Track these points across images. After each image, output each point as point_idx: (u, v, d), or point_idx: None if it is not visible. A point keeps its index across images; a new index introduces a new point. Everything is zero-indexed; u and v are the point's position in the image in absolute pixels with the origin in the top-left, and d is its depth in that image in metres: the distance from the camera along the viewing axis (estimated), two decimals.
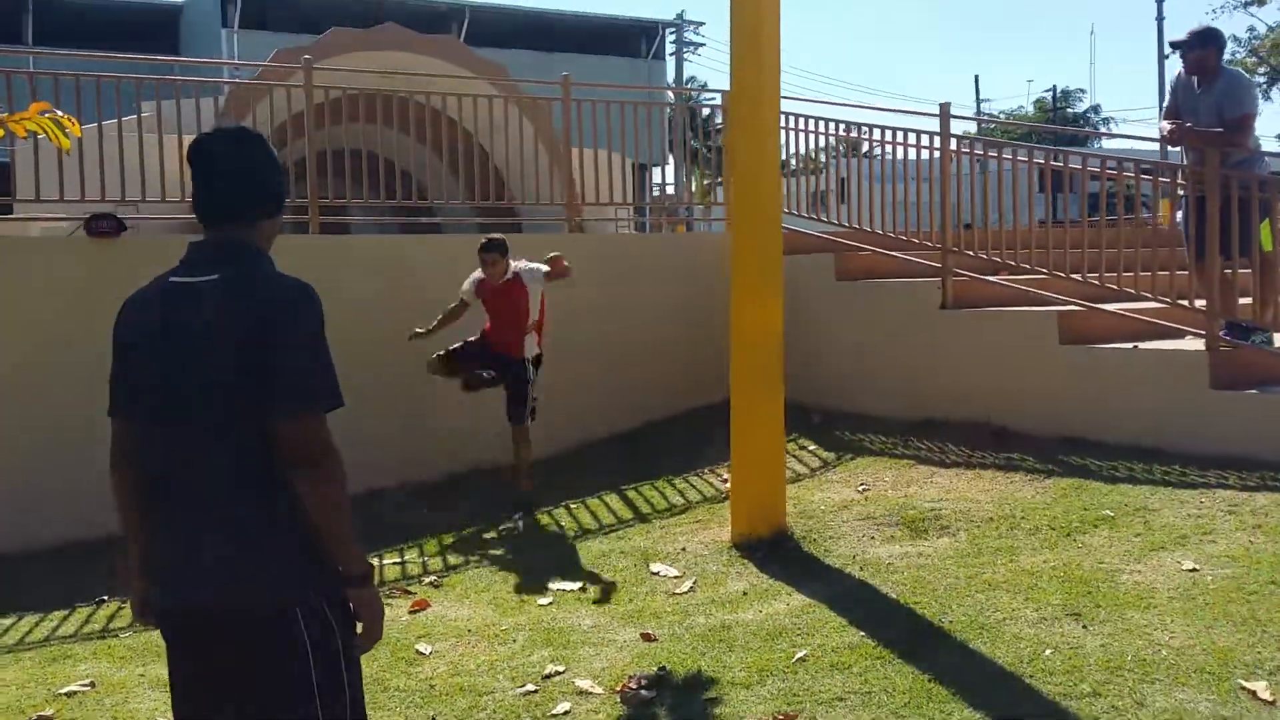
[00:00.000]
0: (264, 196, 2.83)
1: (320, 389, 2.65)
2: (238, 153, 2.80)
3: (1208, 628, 4.76)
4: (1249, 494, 6.31)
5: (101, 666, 5.45)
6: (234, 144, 2.82)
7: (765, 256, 6.79)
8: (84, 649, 5.77)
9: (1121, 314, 7.85)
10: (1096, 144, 46.27)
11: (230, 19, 30.54)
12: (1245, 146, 7.26)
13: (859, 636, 5.12)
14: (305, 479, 2.60)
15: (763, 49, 6.65)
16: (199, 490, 2.66)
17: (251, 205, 2.80)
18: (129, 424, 2.80)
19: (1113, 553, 5.81)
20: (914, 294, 8.95)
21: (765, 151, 6.77)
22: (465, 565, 6.90)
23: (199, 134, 2.88)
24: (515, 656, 5.28)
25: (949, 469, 7.69)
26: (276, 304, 2.65)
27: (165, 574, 2.73)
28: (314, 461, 2.60)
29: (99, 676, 5.26)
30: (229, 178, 2.78)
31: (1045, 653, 4.70)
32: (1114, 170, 8.07)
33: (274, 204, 2.86)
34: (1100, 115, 57.80)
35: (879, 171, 9.72)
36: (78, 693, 5.08)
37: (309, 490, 2.61)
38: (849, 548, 6.44)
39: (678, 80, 39.50)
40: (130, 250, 8.15)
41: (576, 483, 8.38)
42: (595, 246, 10.21)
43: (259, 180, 2.82)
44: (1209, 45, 7.37)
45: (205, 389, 2.64)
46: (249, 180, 2.80)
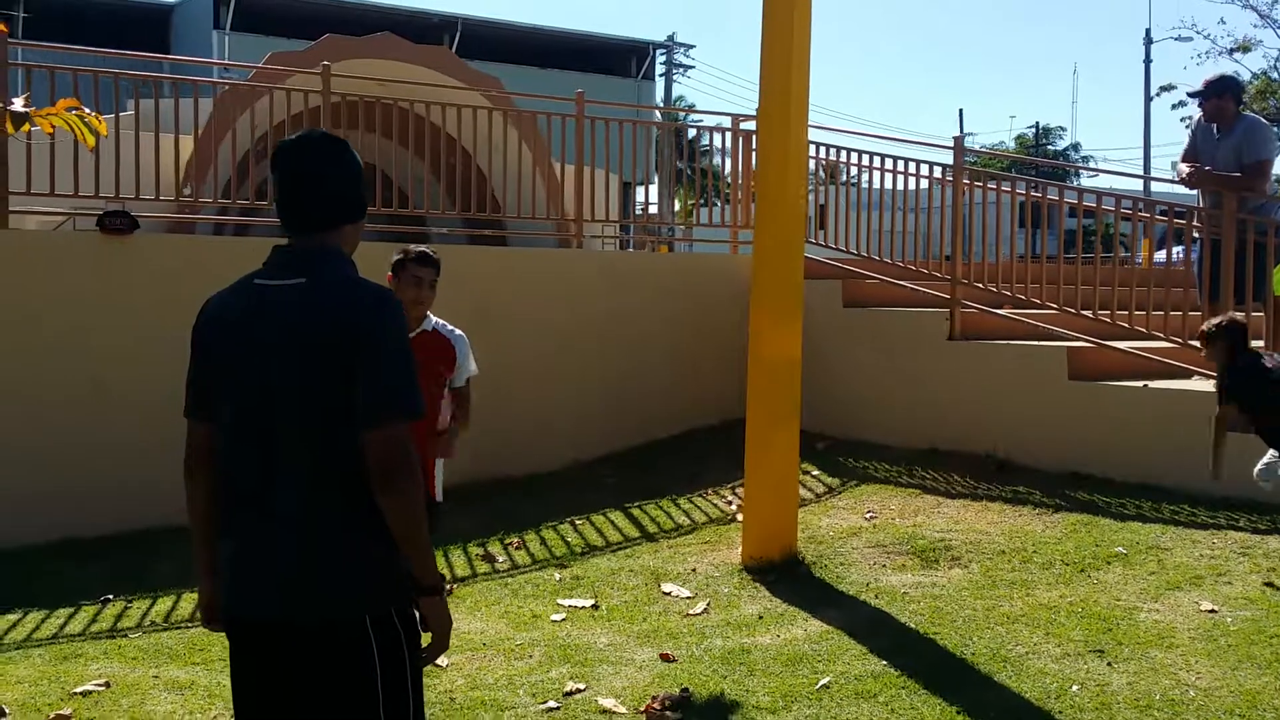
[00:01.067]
0: (348, 203, 2.80)
1: (405, 397, 2.62)
2: (323, 159, 2.77)
3: (1233, 669, 4.77)
4: (1260, 537, 6.35)
5: (114, 667, 5.36)
6: (315, 150, 2.79)
7: (787, 281, 6.79)
8: (94, 648, 5.68)
9: (1131, 352, 7.89)
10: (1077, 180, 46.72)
11: (222, 21, 30.41)
12: (1262, 191, 7.34)
13: (881, 665, 5.10)
14: (387, 487, 2.57)
15: (793, 76, 6.66)
16: (279, 496, 2.63)
17: (336, 212, 2.78)
18: (209, 426, 2.76)
19: (1129, 590, 5.82)
20: (922, 323, 8.97)
21: (791, 176, 6.77)
22: (473, 578, 6.84)
23: (283, 140, 2.85)
24: (533, 672, 5.23)
25: (955, 499, 7.69)
26: (362, 310, 2.62)
27: (239, 580, 2.69)
28: (396, 470, 2.58)
29: (113, 676, 5.17)
30: (314, 185, 2.75)
31: (1072, 689, 4.70)
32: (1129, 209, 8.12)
33: (358, 210, 2.83)
34: (1080, 153, 58.40)
35: (887, 200, 9.74)
36: (93, 692, 4.99)
37: (390, 499, 2.58)
38: (861, 575, 6.43)
39: (666, 101, 39.61)
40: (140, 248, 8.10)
41: (579, 499, 8.33)
42: (597, 264, 10.20)
43: (344, 187, 2.79)
44: (1225, 93, 7.46)
45: (289, 393, 2.61)
46: (334, 187, 2.77)
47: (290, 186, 2.75)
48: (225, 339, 2.70)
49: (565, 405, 9.39)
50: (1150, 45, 40.02)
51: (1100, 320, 7.93)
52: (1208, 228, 7.38)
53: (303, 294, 2.65)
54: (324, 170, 2.76)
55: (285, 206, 2.76)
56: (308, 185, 2.75)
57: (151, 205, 8.66)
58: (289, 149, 2.77)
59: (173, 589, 6.58)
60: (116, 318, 7.85)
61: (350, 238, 2.83)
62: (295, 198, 2.75)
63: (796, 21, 6.66)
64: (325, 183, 2.76)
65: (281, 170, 2.76)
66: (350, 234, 2.82)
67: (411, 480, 2.59)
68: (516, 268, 9.61)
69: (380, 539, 2.61)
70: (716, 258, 11.03)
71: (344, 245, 2.79)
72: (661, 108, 32.94)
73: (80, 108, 5.42)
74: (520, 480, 8.93)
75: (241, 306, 2.70)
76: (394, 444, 2.58)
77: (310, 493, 2.61)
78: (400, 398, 2.61)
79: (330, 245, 2.75)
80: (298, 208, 2.75)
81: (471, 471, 8.75)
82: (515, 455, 9.04)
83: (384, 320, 2.63)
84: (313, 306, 2.63)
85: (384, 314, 2.64)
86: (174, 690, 5.03)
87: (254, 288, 2.72)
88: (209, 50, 29.49)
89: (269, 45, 20.14)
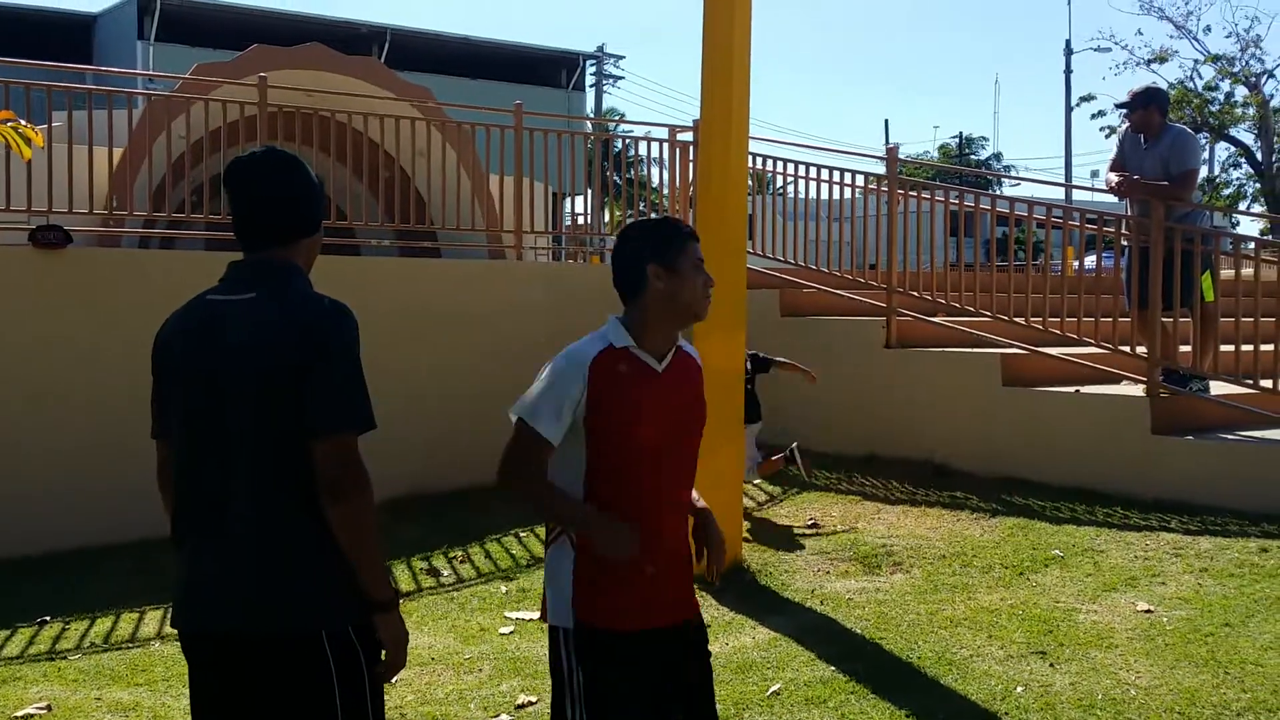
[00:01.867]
0: (303, 217, 2.80)
1: (355, 410, 2.63)
2: (276, 174, 2.77)
3: (1171, 668, 4.89)
4: (1192, 537, 6.51)
5: (54, 689, 5.27)
6: (271, 165, 2.78)
7: (728, 292, 6.82)
8: (33, 670, 5.56)
9: (1063, 358, 8.06)
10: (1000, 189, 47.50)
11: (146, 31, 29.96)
12: (1189, 200, 7.53)
13: (830, 671, 5.16)
14: (335, 498, 2.58)
15: (734, 88, 6.72)
16: (234, 510, 2.62)
17: (292, 226, 2.77)
18: (167, 444, 2.74)
19: (1067, 592, 5.94)
20: (858, 332, 9.08)
21: (731, 189, 6.83)
22: (419, 593, 6.81)
23: (237, 156, 2.84)
24: (484, 686, 5.22)
25: (895, 505, 7.80)
26: (316, 323, 2.63)
27: (194, 594, 2.68)
28: (345, 483, 2.59)
29: (54, 699, 5.09)
30: (268, 199, 2.75)
31: (1017, 690, 4.79)
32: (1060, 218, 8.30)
33: (313, 225, 2.83)
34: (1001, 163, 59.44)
35: (824, 210, 9.86)
36: (34, 715, 4.90)
37: (338, 510, 2.59)
38: (806, 582, 6.49)
39: (597, 111, 39.68)
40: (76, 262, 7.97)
41: (525, 511, 8.28)
42: (539, 275, 10.21)
43: (299, 201, 2.78)
44: (1151, 104, 7.64)
45: (243, 408, 2.61)
46: (289, 201, 2.77)
47: (244, 202, 2.74)
48: (180, 357, 2.69)
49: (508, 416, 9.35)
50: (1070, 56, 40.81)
51: (1032, 327, 8.09)
52: (1136, 236, 7.55)
53: (256, 308, 2.65)
54: (278, 186, 2.75)
55: (240, 222, 2.76)
56: (262, 201, 2.74)
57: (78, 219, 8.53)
58: (243, 165, 2.76)
59: (111, 609, 6.47)
60: (51, 332, 7.71)
61: (306, 252, 2.83)
62: (249, 214, 2.74)
63: (736, 36, 6.72)
64: (279, 198, 2.75)
65: (235, 186, 2.75)
66: (306, 248, 2.82)
67: (360, 492, 2.60)
68: (460, 278, 9.58)
69: (335, 552, 2.61)
70: None
71: (300, 260, 2.79)
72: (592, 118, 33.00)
73: (16, 119, 5.36)
74: (466, 492, 8.86)
75: (195, 323, 2.70)
76: (343, 455, 2.58)
77: (265, 507, 2.61)
78: (350, 409, 2.61)
79: (285, 260, 2.75)
80: (252, 223, 2.74)
81: (416, 483, 8.73)
82: (460, 467, 8.99)
83: (336, 333, 2.63)
84: (265, 321, 2.62)
85: (337, 327, 2.64)
86: (118, 712, 4.95)
87: (207, 304, 2.71)
88: (134, 61, 29.03)
89: (195, 56, 19.84)
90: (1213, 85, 32.93)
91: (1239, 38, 32.44)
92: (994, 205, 8.73)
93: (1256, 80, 31.93)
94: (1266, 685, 4.66)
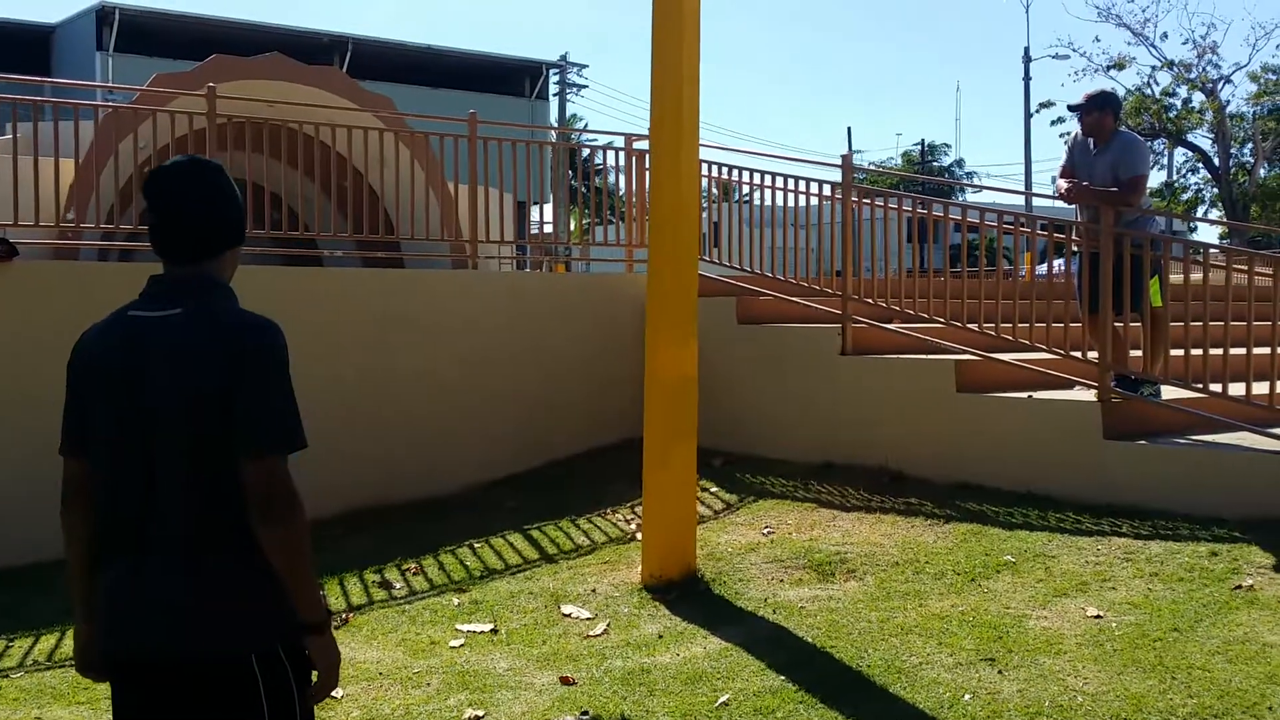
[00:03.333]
0: (225, 229, 2.75)
1: (284, 429, 2.59)
2: (196, 185, 2.72)
3: (1118, 674, 4.90)
4: (1143, 542, 6.53)
5: None
6: (191, 175, 2.73)
7: (681, 299, 6.83)
8: None
9: (1016, 364, 8.08)
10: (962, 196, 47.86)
11: (105, 42, 29.71)
12: (1138, 206, 7.57)
13: (779, 681, 5.15)
14: (266, 519, 2.54)
15: (684, 97, 6.72)
16: (158, 531, 2.58)
17: (212, 239, 2.72)
18: (84, 462, 2.69)
19: (1018, 598, 5.95)
20: (814, 339, 9.09)
21: (684, 196, 6.82)
22: (369, 606, 6.75)
23: (155, 167, 2.79)
24: (431, 700, 5.17)
25: (850, 512, 7.79)
26: (243, 341, 2.58)
27: (117, 618, 2.62)
28: (276, 503, 2.55)
29: None
30: (188, 212, 2.69)
31: (964, 698, 4.78)
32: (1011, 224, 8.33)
33: (234, 236, 2.78)
34: (964, 169, 59.86)
35: (779, 218, 9.86)
36: None
37: (271, 533, 2.55)
38: (759, 591, 6.48)
39: (561, 120, 39.66)
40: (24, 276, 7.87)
41: (480, 522, 8.27)
42: (499, 284, 10.17)
43: (219, 212, 2.74)
44: (1105, 108, 7.68)
45: (167, 427, 2.57)
46: (209, 213, 2.72)
47: (163, 214, 2.69)
48: (100, 374, 2.64)
49: (467, 427, 9.32)
50: (1029, 63, 41.16)
51: (986, 333, 8.11)
52: (1086, 241, 7.59)
53: (180, 325, 2.60)
54: (198, 197, 2.70)
55: (159, 235, 2.70)
56: (182, 213, 2.69)
57: (32, 231, 8.43)
58: (160, 176, 2.71)
59: (56, 626, 6.38)
60: None
61: (228, 264, 2.78)
62: (169, 226, 2.69)
63: (685, 42, 6.72)
64: (199, 209, 2.70)
65: (154, 198, 2.70)
66: (228, 260, 2.78)
67: (291, 512, 2.56)
68: (419, 288, 9.53)
69: (266, 573, 2.57)
70: (616, 277, 11.07)
71: (222, 272, 2.75)
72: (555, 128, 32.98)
73: None
74: (421, 503, 8.84)
75: (116, 340, 2.64)
76: (273, 475, 2.54)
77: (190, 527, 2.57)
78: (280, 428, 2.57)
79: (207, 273, 2.70)
80: (172, 236, 2.69)
81: (372, 495, 8.68)
82: (415, 478, 8.97)
83: (262, 350, 2.59)
84: (191, 338, 2.58)
85: (263, 344, 2.60)
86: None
87: (128, 320, 2.66)
88: (92, 72, 28.79)
89: (154, 66, 19.70)
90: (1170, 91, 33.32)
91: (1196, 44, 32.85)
92: (946, 212, 8.76)
93: (1213, 86, 32.34)
94: (1213, 691, 4.67)
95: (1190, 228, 37.36)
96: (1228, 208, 32.39)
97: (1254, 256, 7.66)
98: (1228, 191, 32.55)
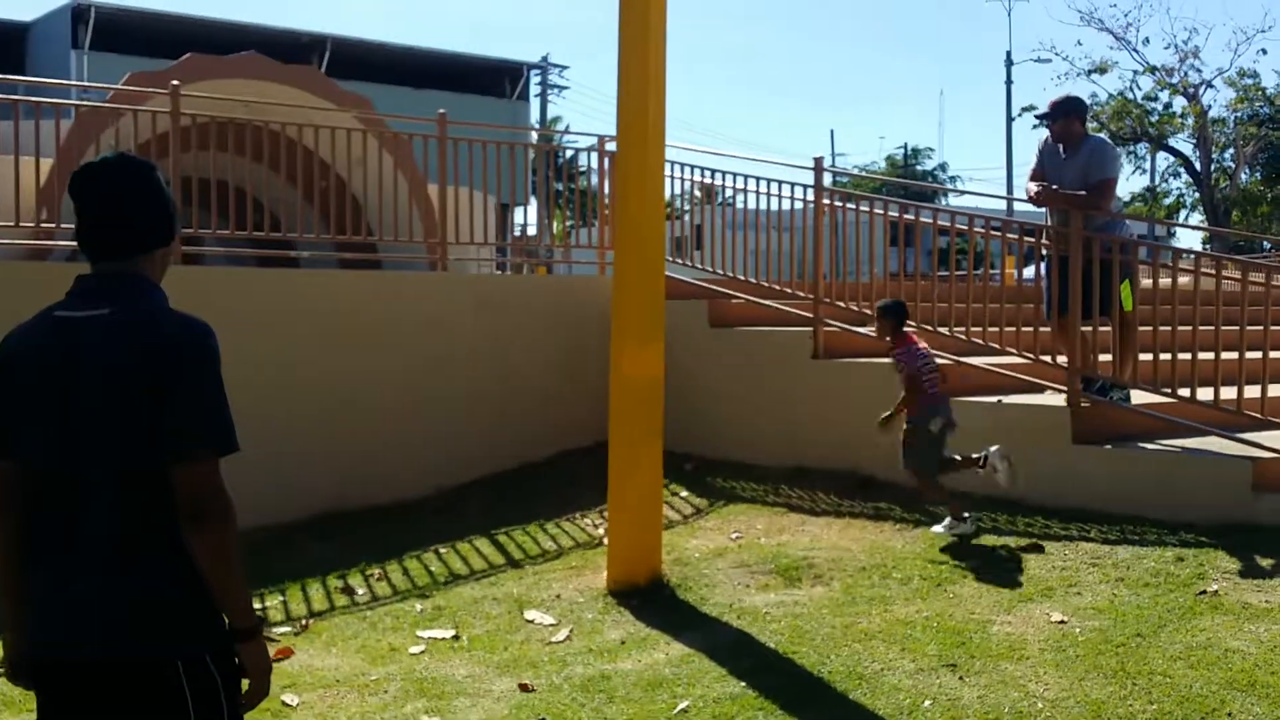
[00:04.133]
0: (154, 226, 2.69)
1: (213, 432, 2.54)
2: (125, 181, 2.66)
3: (1080, 680, 4.86)
4: (1110, 547, 6.50)
5: None
6: (120, 172, 2.67)
7: (647, 301, 6.78)
8: None
9: (986, 368, 8.05)
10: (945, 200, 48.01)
11: (81, 40, 29.50)
12: (1107, 210, 7.55)
13: (740, 687, 5.10)
14: (195, 523, 2.50)
15: (649, 97, 6.67)
16: (85, 534, 2.53)
17: (142, 236, 2.67)
18: (10, 464, 2.62)
19: (983, 604, 5.91)
20: (786, 343, 9.04)
21: (650, 197, 6.78)
22: (331, 612, 6.68)
23: (81, 165, 2.72)
24: (388, 708, 5.11)
25: (820, 517, 7.75)
26: (170, 341, 2.53)
27: (43, 622, 2.57)
28: (206, 507, 2.51)
29: None
30: (117, 208, 2.64)
31: (924, 704, 4.74)
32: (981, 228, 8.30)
33: (165, 234, 2.72)
34: (947, 173, 59.96)
35: (753, 220, 9.82)
36: None
37: (200, 538, 2.51)
38: (725, 596, 6.43)
39: (542, 121, 39.58)
40: None
41: (446, 527, 8.20)
42: (468, 287, 10.10)
43: (149, 209, 2.68)
44: (1072, 114, 7.68)
45: (94, 429, 2.52)
46: (138, 210, 2.66)
47: (90, 212, 2.63)
48: (26, 374, 2.59)
49: (436, 430, 9.25)
50: (1011, 67, 41.32)
51: (956, 337, 8.07)
52: (1056, 245, 7.56)
53: (109, 326, 2.55)
54: (130, 195, 2.65)
55: (88, 233, 2.64)
56: (109, 211, 2.63)
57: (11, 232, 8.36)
58: (87, 174, 2.64)
59: None
60: None
61: (159, 264, 2.72)
62: (96, 224, 2.63)
63: (652, 44, 6.67)
64: (127, 208, 2.64)
65: (80, 196, 2.64)
66: (159, 260, 2.72)
67: (221, 516, 2.52)
68: (385, 291, 9.47)
69: (195, 578, 2.52)
70: (585, 279, 11.02)
71: (152, 272, 2.69)
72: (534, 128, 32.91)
73: None
74: (387, 508, 8.76)
75: (44, 340, 2.59)
76: (203, 479, 2.50)
77: (118, 531, 2.52)
78: (210, 431, 2.53)
79: (136, 273, 2.64)
80: (99, 235, 2.63)
81: (337, 500, 8.60)
82: (383, 482, 8.89)
83: (191, 352, 2.54)
84: (117, 339, 2.53)
85: (192, 345, 2.55)
86: None
87: (55, 320, 2.60)
88: (68, 71, 28.57)
89: (130, 65, 19.52)
90: (1152, 96, 33.43)
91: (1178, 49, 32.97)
92: (917, 215, 8.73)
93: (1195, 91, 32.45)
94: (1173, 696, 4.64)
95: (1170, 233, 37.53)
96: (1209, 213, 32.51)
97: (1221, 261, 7.64)
98: (1209, 196, 32.68)
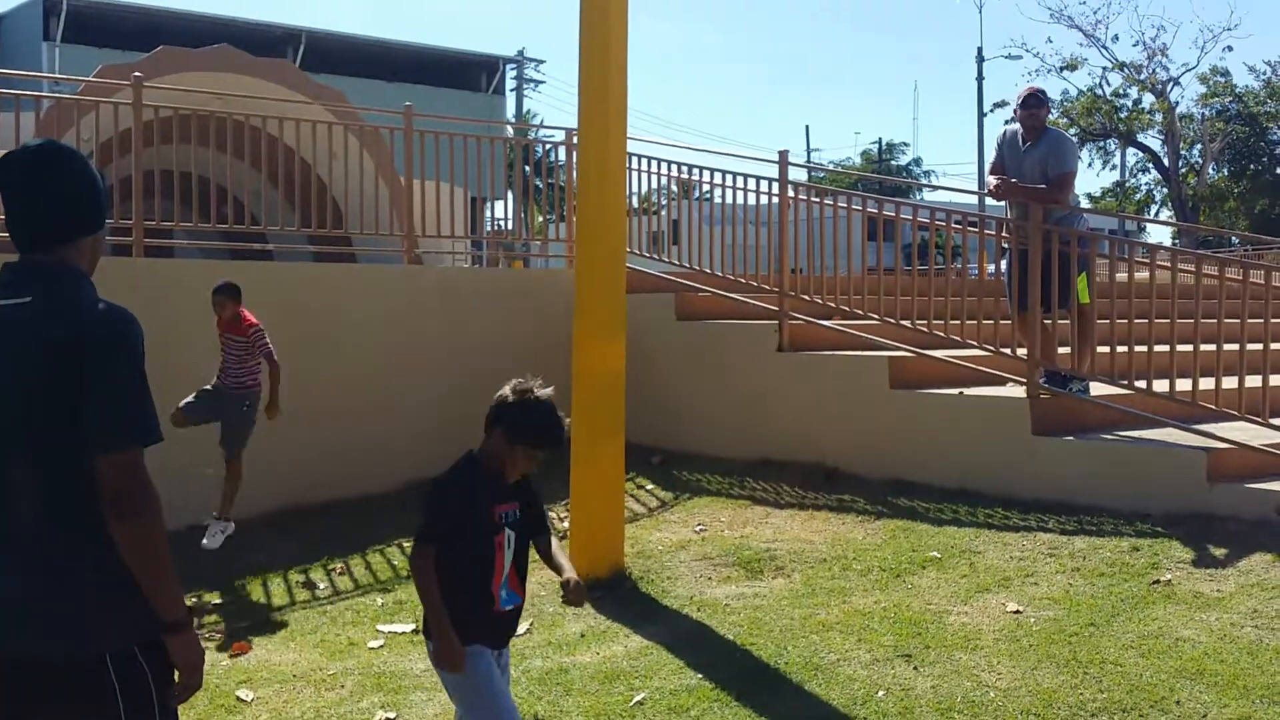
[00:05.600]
0: (81, 214, 2.65)
1: (136, 423, 2.52)
2: (50, 168, 2.62)
3: (1032, 669, 4.90)
4: (1068, 537, 6.55)
5: None
6: (45, 159, 2.64)
7: (609, 295, 6.79)
8: None
9: (949, 360, 8.09)
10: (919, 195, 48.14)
11: (52, 32, 29.29)
12: (1066, 203, 7.59)
13: (697, 679, 5.12)
14: (119, 515, 2.48)
15: (610, 91, 6.68)
16: (7, 528, 2.51)
17: (68, 224, 2.63)
18: None
19: (940, 594, 5.95)
20: (752, 336, 9.06)
21: (610, 191, 6.78)
22: (291, 606, 6.67)
23: (7, 152, 2.70)
24: (343, 703, 5.10)
25: (784, 509, 7.78)
26: (92, 331, 2.50)
27: None
28: (129, 499, 2.48)
29: None
30: (46, 196, 2.61)
31: (878, 694, 4.77)
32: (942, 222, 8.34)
33: (92, 222, 2.69)
34: (921, 167, 60.19)
35: (719, 214, 9.84)
36: None
37: (124, 529, 2.48)
38: (686, 588, 6.45)
39: (518, 115, 39.52)
40: None
41: (412, 521, 8.15)
42: (435, 280, 10.08)
43: (79, 198, 2.65)
44: (1045, 105, 7.78)
45: (14, 418, 2.50)
46: (64, 197, 2.63)
47: (16, 200, 2.61)
48: None
49: (399, 424, 9.23)
50: (982, 63, 41.39)
51: (919, 330, 8.12)
52: (1015, 238, 7.61)
53: (30, 313, 2.51)
54: (56, 181, 2.61)
55: (14, 221, 2.61)
56: (35, 198, 2.60)
57: None
58: (17, 159, 2.62)
59: None
60: None
61: (88, 252, 2.68)
62: (25, 211, 2.60)
63: (613, 32, 6.68)
64: (58, 195, 2.61)
65: (9, 182, 2.61)
66: (87, 248, 2.68)
67: (146, 508, 2.49)
68: (352, 284, 9.44)
69: (122, 571, 2.50)
70: (551, 273, 11.02)
71: (81, 261, 2.65)
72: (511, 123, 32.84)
73: None
74: (353, 502, 8.75)
75: None
76: (126, 470, 2.48)
77: (39, 521, 2.50)
78: (132, 422, 2.50)
79: (63, 261, 2.61)
80: (25, 223, 2.60)
81: (303, 494, 8.57)
82: (349, 477, 8.87)
83: (114, 342, 2.51)
84: (39, 327, 2.49)
85: (114, 335, 2.52)
86: None
87: None
88: (39, 63, 28.37)
89: (103, 57, 19.42)
90: (1121, 92, 33.63)
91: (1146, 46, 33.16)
92: (881, 209, 8.77)
93: (1163, 87, 32.68)
94: (1124, 685, 4.68)
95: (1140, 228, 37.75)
96: (1177, 208, 32.73)
97: (1177, 254, 7.70)
98: (1177, 192, 32.90)
